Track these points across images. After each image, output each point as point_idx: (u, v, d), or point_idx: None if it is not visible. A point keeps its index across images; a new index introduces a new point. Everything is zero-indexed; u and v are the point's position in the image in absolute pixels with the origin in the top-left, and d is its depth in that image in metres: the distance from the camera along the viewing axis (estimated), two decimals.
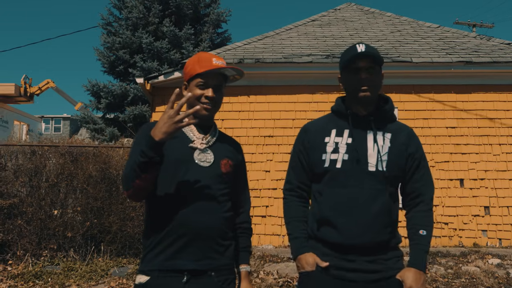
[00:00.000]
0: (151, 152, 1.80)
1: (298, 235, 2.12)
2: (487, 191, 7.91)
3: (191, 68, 2.05)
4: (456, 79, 8.29)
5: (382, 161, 2.03)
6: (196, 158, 2.01)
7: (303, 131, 2.23)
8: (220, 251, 2.00)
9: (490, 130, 8.13)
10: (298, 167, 2.19)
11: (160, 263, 1.93)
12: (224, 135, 2.21)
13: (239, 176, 2.18)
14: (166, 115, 1.81)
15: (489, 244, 7.71)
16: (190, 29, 17.86)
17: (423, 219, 2.08)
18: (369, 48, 2.06)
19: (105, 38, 18.18)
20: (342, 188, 2.02)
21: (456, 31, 10.00)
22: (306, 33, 10.02)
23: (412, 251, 2.04)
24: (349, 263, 1.99)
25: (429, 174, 2.16)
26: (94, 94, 18.02)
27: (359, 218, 1.97)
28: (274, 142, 8.22)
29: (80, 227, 6.52)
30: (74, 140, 7.62)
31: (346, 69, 2.09)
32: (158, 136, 1.80)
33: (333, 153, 2.07)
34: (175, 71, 8.29)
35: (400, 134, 2.13)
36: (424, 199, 2.11)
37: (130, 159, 1.93)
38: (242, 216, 2.19)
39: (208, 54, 2.09)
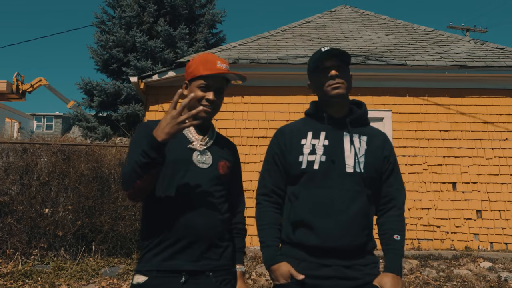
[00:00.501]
0: (153, 152, 1.78)
1: (271, 243, 2.07)
2: (480, 195, 7.94)
3: (194, 68, 2.04)
4: (450, 83, 8.31)
5: (360, 163, 2.02)
6: (195, 159, 2.01)
7: (279, 133, 2.20)
8: (218, 253, 2.00)
9: (483, 134, 8.15)
10: (273, 170, 2.15)
11: (158, 263, 1.92)
12: (221, 136, 2.21)
13: (235, 178, 2.18)
14: (169, 116, 1.79)
15: (481, 248, 7.73)
16: (184, 29, 17.81)
17: (396, 224, 2.07)
18: (335, 48, 2.06)
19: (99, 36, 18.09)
20: (319, 189, 2.00)
21: (450, 35, 10.04)
22: (301, 34, 10.01)
23: (388, 256, 2.02)
24: (325, 268, 1.95)
25: (401, 179, 2.17)
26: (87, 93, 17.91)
27: (337, 220, 1.95)
28: (268, 143, 8.19)
29: (71, 226, 6.48)
30: (66, 138, 7.57)
31: (315, 71, 2.09)
32: (161, 136, 1.78)
33: (310, 155, 2.04)
34: (170, 70, 8.24)
35: (375, 137, 2.13)
36: (397, 204, 2.10)
37: (130, 159, 1.91)
38: (237, 217, 2.19)
39: (213, 56, 2.08)
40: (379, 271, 2.03)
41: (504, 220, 7.84)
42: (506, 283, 5.97)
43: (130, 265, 6.34)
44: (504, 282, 5.98)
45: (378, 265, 2.06)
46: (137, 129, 2.08)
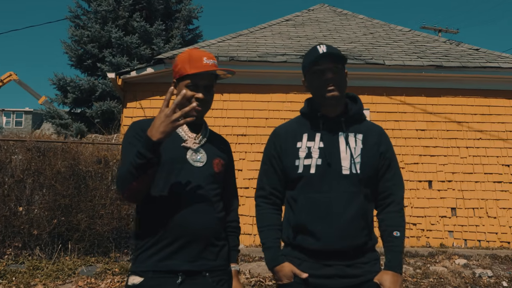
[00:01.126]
0: (148, 153, 1.74)
1: (272, 244, 2.08)
2: (454, 193, 8.10)
3: (180, 67, 1.99)
4: (426, 83, 8.45)
5: (356, 164, 2.01)
6: (189, 158, 1.98)
7: (275, 135, 2.18)
8: (215, 252, 1.97)
9: (458, 133, 8.32)
10: (271, 172, 2.15)
11: (154, 263, 1.88)
12: (214, 133, 2.17)
13: (229, 175, 2.16)
14: (163, 114, 1.75)
15: (455, 245, 7.89)
16: (161, 24, 17.63)
17: (396, 220, 2.08)
18: (331, 48, 2.04)
19: (73, 31, 17.74)
20: (317, 194, 1.99)
21: (426, 35, 10.20)
22: (280, 32, 10.02)
23: (388, 253, 2.03)
24: (327, 268, 1.96)
25: (399, 174, 2.16)
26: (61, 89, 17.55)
27: (336, 223, 1.95)
28: (247, 141, 8.19)
29: (46, 225, 6.32)
30: (41, 134, 7.39)
31: (310, 71, 2.07)
32: (156, 136, 1.73)
33: (306, 159, 2.04)
34: (148, 67, 8.14)
35: (371, 134, 2.12)
36: (395, 199, 2.10)
37: (125, 161, 1.87)
38: (231, 215, 2.17)
39: (198, 52, 2.03)
40: (380, 267, 2.05)
41: (477, 218, 8.02)
42: (480, 279, 6.10)
43: (107, 264, 6.24)
44: (479, 279, 6.11)
45: (379, 262, 2.07)
46: (128, 129, 2.03)
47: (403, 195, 2.15)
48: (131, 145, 1.89)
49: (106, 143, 7.12)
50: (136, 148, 1.79)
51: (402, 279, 2.02)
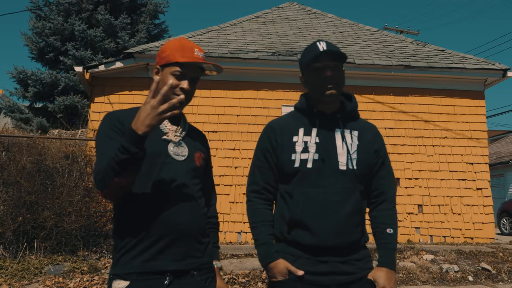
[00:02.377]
0: (133, 147, 1.60)
1: (265, 241, 2.04)
2: (421, 190, 8.30)
3: (169, 53, 1.89)
4: (395, 82, 8.61)
5: (352, 159, 2.01)
6: (171, 151, 1.88)
7: (270, 129, 2.14)
8: (201, 249, 1.90)
9: (425, 132, 8.52)
10: (265, 167, 2.10)
11: (139, 265, 1.77)
12: (193, 127, 2.09)
13: (208, 169, 2.09)
14: (149, 106, 1.62)
15: (422, 241, 8.08)
16: (126, 18, 17.23)
17: (389, 218, 2.09)
18: (331, 46, 2.02)
19: (34, 23, 17.11)
20: (313, 188, 1.97)
21: (394, 36, 10.39)
22: (250, 29, 9.99)
23: (381, 250, 2.04)
24: (322, 264, 1.95)
25: (392, 172, 2.18)
26: (21, 82, 16.90)
27: (332, 219, 1.94)
28: (218, 138, 8.14)
29: (11, 223, 6.08)
30: (4, 129, 7.11)
31: (309, 68, 2.05)
32: (142, 129, 1.61)
33: (303, 153, 2.01)
34: (117, 61, 7.97)
35: (366, 131, 2.12)
36: (388, 197, 2.12)
37: (103, 155, 1.73)
38: (211, 210, 2.09)
39: (190, 42, 1.94)
40: (372, 264, 2.05)
41: (443, 214, 8.24)
42: (447, 274, 6.27)
43: (75, 263, 6.06)
44: (446, 273, 6.28)
45: (371, 259, 2.07)
46: (103, 121, 1.89)
47: (395, 193, 2.16)
48: (109, 138, 1.78)
49: (74, 138, 6.91)
50: (114, 141, 1.69)
51: (396, 276, 2.03)
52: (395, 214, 2.12)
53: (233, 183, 7.96)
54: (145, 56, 7.99)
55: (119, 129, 1.81)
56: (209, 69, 1.99)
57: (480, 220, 8.31)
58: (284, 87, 8.14)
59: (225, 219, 7.81)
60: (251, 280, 5.78)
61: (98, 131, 1.88)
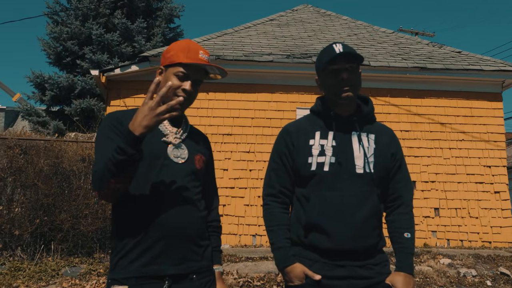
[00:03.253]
0: (130, 148, 1.60)
1: (282, 244, 2.02)
2: (437, 193, 8.20)
3: (174, 54, 1.88)
4: (411, 84, 8.54)
5: (369, 163, 2.00)
6: (171, 153, 1.86)
7: (286, 133, 2.13)
8: (200, 253, 1.88)
9: (441, 134, 8.43)
10: (281, 171, 2.09)
11: (137, 269, 1.75)
12: (194, 129, 2.07)
13: (209, 173, 2.07)
14: (147, 107, 1.61)
15: (438, 245, 7.99)
16: (142, 22, 17.40)
17: (406, 222, 2.07)
18: (347, 47, 2.01)
19: (52, 28, 17.36)
20: (330, 192, 1.96)
21: (409, 38, 10.31)
22: (265, 32, 10.00)
23: (399, 255, 2.02)
24: (339, 269, 1.94)
25: (408, 176, 2.17)
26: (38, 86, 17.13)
27: (349, 222, 1.93)
28: (233, 141, 8.14)
29: (28, 225, 6.17)
30: (22, 132, 7.21)
31: (325, 70, 2.03)
32: (139, 130, 1.60)
33: (319, 156, 2.00)
34: (133, 64, 8.03)
35: (383, 135, 2.11)
36: (405, 201, 2.10)
37: (101, 156, 1.72)
38: (212, 214, 2.07)
39: (195, 44, 1.93)
40: (390, 269, 2.03)
41: (460, 218, 8.14)
42: (465, 278, 6.18)
43: (92, 264, 6.12)
44: (463, 278, 6.19)
45: (389, 263, 2.06)
46: (103, 121, 1.88)
47: (412, 197, 2.15)
48: (107, 138, 1.77)
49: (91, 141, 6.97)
50: (113, 142, 1.67)
51: (414, 280, 2.00)
52: (412, 218, 2.10)
53: (247, 186, 7.96)
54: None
55: (118, 129, 1.80)
56: (213, 72, 1.97)
57: (498, 224, 8.19)
58: (298, 90, 8.13)
59: (240, 222, 7.82)
60: (266, 283, 5.77)
61: (98, 131, 1.88)
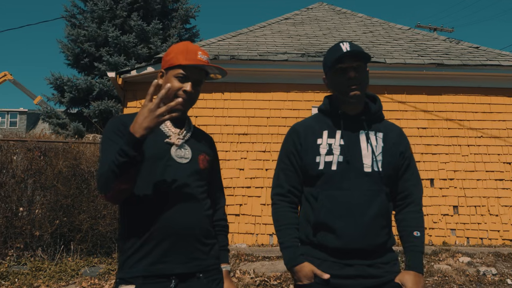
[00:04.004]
0: (131, 150, 1.63)
1: (290, 244, 2.03)
2: (456, 191, 8.10)
3: (173, 56, 1.91)
4: (427, 81, 8.44)
5: (377, 161, 1.99)
6: (174, 154, 1.88)
7: (294, 132, 2.14)
8: (205, 251, 1.90)
9: (459, 131, 8.32)
10: (289, 170, 2.10)
11: (144, 268, 1.78)
12: (198, 129, 2.09)
13: (214, 172, 2.09)
14: (146, 109, 1.63)
15: (458, 243, 7.89)
16: (158, 24, 17.57)
17: (415, 220, 2.06)
18: (354, 46, 2.01)
19: (69, 30, 17.64)
20: (338, 191, 1.96)
21: (426, 34, 10.21)
22: (280, 31, 9.99)
23: (408, 254, 2.01)
24: (348, 268, 1.93)
25: (417, 174, 2.15)
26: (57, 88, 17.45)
27: (358, 221, 1.92)
28: (249, 140, 8.16)
29: (48, 226, 6.28)
30: (42, 135, 7.33)
31: (332, 69, 2.03)
32: (139, 132, 1.63)
33: (327, 155, 2.00)
34: (148, 66, 8.10)
35: (391, 133, 2.10)
36: (414, 199, 2.09)
37: (105, 158, 1.75)
38: (218, 213, 2.09)
39: (194, 45, 1.96)
40: (399, 268, 2.03)
41: (479, 216, 8.03)
42: (485, 277, 6.10)
43: (110, 264, 6.20)
44: (483, 276, 6.11)
45: (398, 262, 2.05)
46: (108, 124, 1.91)
47: (421, 195, 2.13)
48: (111, 141, 1.80)
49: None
50: (116, 145, 1.70)
51: (424, 279, 1.99)
52: (422, 216, 2.08)
53: (264, 185, 7.97)
54: None
55: (122, 132, 1.83)
56: (213, 72, 2.00)
57: None
58: (314, 88, 8.10)
59: (257, 222, 7.83)
60: (283, 282, 5.78)
61: (102, 135, 1.91)
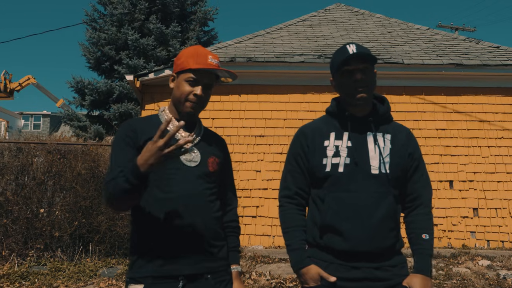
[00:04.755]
0: (135, 180, 1.68)
1: (297, 246, 2.03)
2: (476, 193, 7.98)
3: (183, 60, 1.95)
4: (446, 81, 8.34)
5: (385, 163, 1.98)
6: (183, 157, 1.92)
7: (301, 134, 2.14)
8: (214, 253, 1.93)
9: (479, 132, 8.19)
10: (296, 172, 2.10)
11: (154, 269, 1.82)
12: (209, 131, 2.12)
13: (226, 174, 2.11)
14: (155, 147, 1.65)
15: (478, 246, 7.77)
16: (176, 26, 17.71)
17: (424, 223, 2.03)
18: (361, 48, 2.00)
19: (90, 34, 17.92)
20: (345, 193, 1.95)
21: (445, 34, 10.08)
22: (297, 32, 9.98)
23: (417, 256, 1.99)
24: (355, 271, 1.92)
25: (427, 175, 2.12)
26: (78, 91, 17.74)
27: (365, 223, 1.91)
28: (265, 142, 8.17)
29: (68, 227, 6.38)
30: (61, 137, 7.45)
31: (339, 71, 2.03)
32: (144, 167, 1.67)
33: (334, 157, 2.00)
34: (166, 68, 8.18)
35: (399, 134, 2.09)
36: (423, 201, 2.06)
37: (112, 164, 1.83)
38: (230, 215, 2.11)
39: (204, 49, 1.99)
40: (408, 271, 2.01)
41: (500, 218, 7.89)
42: (505, 281, 5.99)
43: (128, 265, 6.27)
44: (503, 280, 6.00)
45: (406, 265, 2.03)
46: (119, 129, 1.96)
47: (431, 197, 2.10)
48: (119, 149, 1.87)
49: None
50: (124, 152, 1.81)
51: (432, 282, 1.97)
52: (431, 219, 2.06)
53: None
54: None
55: (131, 138, 1.88)
56: (224, 75, 2.03)
57: None
58: (331, 90, 8.02)
59: (274, 223, 7.82)
60: (299, 284, 5.76)
61: (114, 138, 1.98)
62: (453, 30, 27.66)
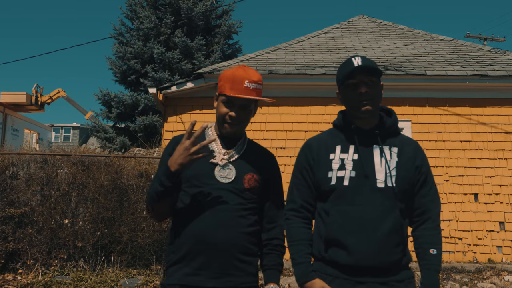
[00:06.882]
0: (167, 181, 1.90)
1: (302, 260, 2.01)
2: (502, 206, 7.79)
3: (221, 85, 2.05)
4: (470, 92, 8.21)
5: (391, 176, 1.96)
6: (217, 174, 2.00)
7: (307, 147, 2.14)
8: (241, 268, 1.95)
9: (505, 144, 8.02)
10: (302, 185, 2.09)
11: (181, 277, 1.92)
12: (255, 147, 2.17)
13: (269, 190, 2.12)
14: (182, 147, 1.88)
15: (504, 260, 7.56)
16: (201, 40, 17.93)
17: (432, 238, 2.00)
18: (366, 61, 1.99)
19: (117, 48, 18.30)
20: (350, 206, 1.94)
21: (470, 45, 9.93)
22: (319, 44, 9.99)
23: (424, 272, 1.96)
24: (360, 285, 1.90)
25: (435, 189, 2.08)
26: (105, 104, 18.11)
27: (370, 238, 1.89)
28: (286, 154, 8.16)
29: (90, 237, 6.49)
30: (85, 149, 7.61)
31: (344, 84, 2.03)
32: (174, 167, 1.88)
33: (339, 170, 1.99)
34: (188, 81, 8.28)
35: (407, 147, 2.06)
36: (431, 216, 2.02)
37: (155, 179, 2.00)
38: (273, 232, 2.10)
39: (242, 73, 2.02)
40: (415, 286, 1.98)
41: None
42: None
43: (149, 276, 6.33)
44: None
45: (414, 280, 2.00)
46: (167, 144, 2.12)
47: (439, 211, 2.07)
48: (163, 162, 2.02)
49: (148, 157, 7.25)
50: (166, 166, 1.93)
51: None
52: (439, 233, 2.02)
53: None
54: (215, 76, 8.22)
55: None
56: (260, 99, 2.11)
57: None
58: None
59: None
60: None
61: (162, 152, 2.16)
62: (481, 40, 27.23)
